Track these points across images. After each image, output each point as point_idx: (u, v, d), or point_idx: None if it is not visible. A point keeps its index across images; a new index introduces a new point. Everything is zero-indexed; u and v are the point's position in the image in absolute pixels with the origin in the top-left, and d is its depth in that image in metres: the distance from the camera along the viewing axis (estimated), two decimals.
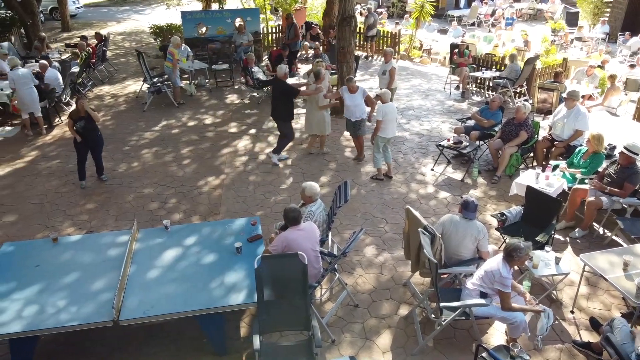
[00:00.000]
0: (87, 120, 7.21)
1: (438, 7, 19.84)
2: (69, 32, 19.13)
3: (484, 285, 4.47)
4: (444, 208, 7.01)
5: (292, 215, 4.60)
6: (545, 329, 4.33)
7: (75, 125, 7.19)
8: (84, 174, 7.56)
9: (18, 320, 4.11)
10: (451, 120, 10.18)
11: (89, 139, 7.35)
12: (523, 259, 4.35)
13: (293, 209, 4.64)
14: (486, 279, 4.43)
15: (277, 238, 4.61)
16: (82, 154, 7.43)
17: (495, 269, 4.33)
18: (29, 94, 9.09)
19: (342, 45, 9.76)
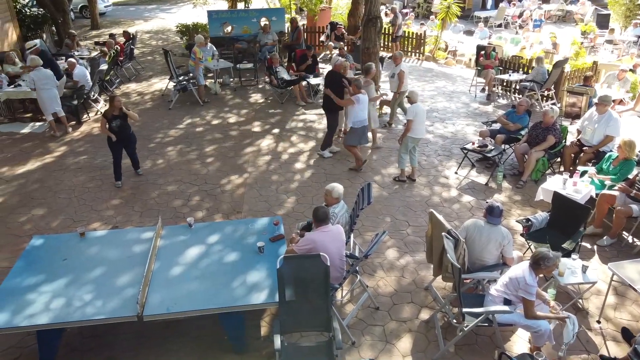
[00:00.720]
0: (122, 119, 7.30)
1: (464, 8, 19.60)
2: (98, 30, 19.51)
3: (508, 292, 4.40)
4: (467, 212, 6.93)
5: (322, 211, 4.63)
6: (571, 335, 4.23)
7: (110, 124, 7.27)
8: (120, 175, 7.66)
9: (46, 312, 4.21)
10: (476, 123, 10.06)
11: (124, 137, 7.44)
12: (550, 269, 4.27)
13: (323, 208, 4.67)
14: (510, 286, 4.36)
15: (304, 238, 4.61)
16: (117, 153, 7.51)
17: (521, 276, 4.25)
18: (48, 96, 9.08)
19: (367, 45, 9.75)
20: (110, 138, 7.33)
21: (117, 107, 7.24)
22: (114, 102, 7.24)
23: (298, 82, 11.12)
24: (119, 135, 7.35)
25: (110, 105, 7.28)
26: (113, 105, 7.24)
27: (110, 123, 7.27)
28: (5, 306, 4.27)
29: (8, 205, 7.13)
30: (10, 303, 4.30)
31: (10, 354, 4.65)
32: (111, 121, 7.26)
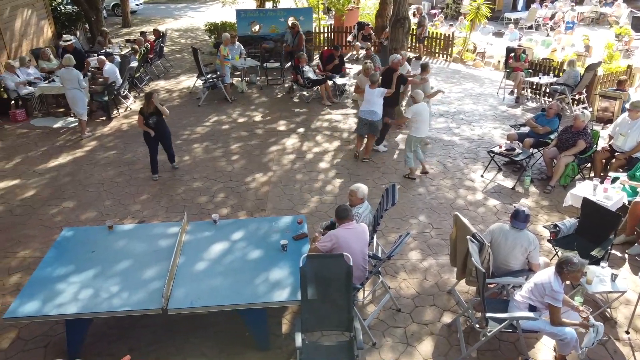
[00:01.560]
0: (158, 115, 7.45)
1: (494, 9, 19.32)
2: (129, 28, 19.90)
3: (533, 298, 4.33)
4: (492, 216, 6.84)
5: (342, 208, 4.68)
6: (591, 342, 4.14)
7: (148, 120, 7.42)
8: (156, 168, 7.84)
9: (74, 302, 4.32)
10: (504, 126, 9.91)
11: (160, 132, 7.61)
12: (576, 275, 4.18)
13: (344, 205, 4.72)
14: (536, 292, 4.29)
15: (327, 235, 4.63)
16: (154, 148, 7.69)
17: (547, 281, 4.18)
18: (71, 95, 9.09)
19: (394, 46, 9.71)
20: (148, 133, 7.49)
21: (153, 104, 7.39)
22: (151, 98, 7.38)
23: (324, 82, 11.13)
24: (155, 131, 7.50)
25: (147, 102, 7.42)
26: (150, 102, 7.37)
27: (148, 120, 7.42)
28: (36, 295, 4.40)
29: (40, 198, 7.34)
30: (40, 292, 4.43)
31: (40, 341, 4.79)
32: (148, 118, 7.41)
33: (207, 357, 4.60)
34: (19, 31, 12.87)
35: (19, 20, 12.88)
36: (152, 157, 7.76)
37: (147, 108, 7.41)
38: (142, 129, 7.58)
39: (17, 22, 12.83)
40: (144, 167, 8.20)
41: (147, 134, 7.53)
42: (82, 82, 9.05)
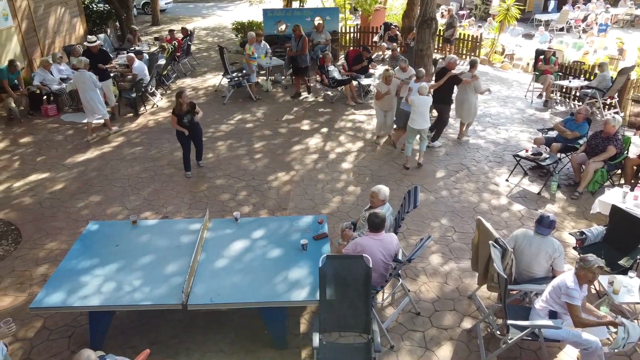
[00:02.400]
0: (191, 113, 7.55)
1: (524, 10, 18.96)
2: (158, 26, 20.21)
3: (551, 302, 4.24)
4: (517, 221, 6.71)
5: (375, 221, 4.57)
6: (621, 344, 3.99)
7: (182, 119, 7.50)
8: (189, 166, 7.95)
9: (98, 294, 4.41)
10: (531, 130, 9.72)
11: (194, 130, 7.71)
12: (590, 271, 4.04)
13: (377, 215, 4.60)
14: (553, 294, 4.21)
15: (353, 242, 4.60)
16: (187, 146, 7.78)
17: (562, 281, 4.10)
18: (86, 98, 8.86)
19: (420, 47, 9.63)
20: (182, 132, 7.57)
21: (185, 102, 7.47)
22: (182, 97, 7.45)
23: (349, 82, 11.11)
24: (189, 129, 7.60)
25: (178, 102, 7.49)
26: (181, 102, 7.45)
27: (182, 119, 7.50)
28: (61, 286, 4.51)
29: (68, 191, 7.52)
30: (66, 284, 4.54)
31: (65, 331, 4.90)
32: (182, 117, 7.50)
33: (226, 353, 4.64)
34: (52, 28, 13.22)
35: (52, 18, 13.22)
36: (185, 156, 7.86)
37: (179, 107, 7.48)
38: (175, 128, 7.63)
39: (51, 19, 13.17)
40: (169, 164, 8.32)
41: (181, 133, 7.60)
42: (97, 83, 8.87)
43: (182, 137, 7.65)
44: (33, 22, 12.26)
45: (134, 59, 10.68)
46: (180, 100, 7.44)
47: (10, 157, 8.66)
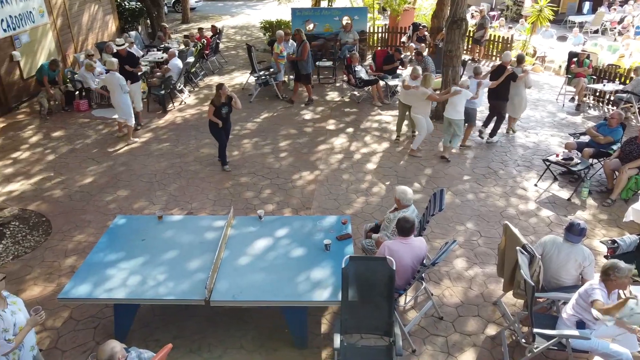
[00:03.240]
0: (229, 106, 7.66)
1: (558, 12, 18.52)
2: (188, 24, 20.48)
3: (579, 310, 4.12)
4: (545, 227, 6.56)
5: (405, 226, 4.52)
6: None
7: (220, 111, 7.60)
8: (226, 158, 8.08)
9: (123, 287, 4.48)
10: (562, 134, 9.49)
11: (228, 123, 7.83)
12: (623, 282, 3.92)
13: (408, 220, 4.54)
14: (580, 301, 4.10)
15: (382, 246, 4.55)
16: (222, 139, 7.90)
17: (589, 286, 4.00)
18: (115, 100, 8.75)
19: (449, 48, 9.48)
20: (216, 126, 7.67)
21: (225, 94, 7.56)
22: (222, 90, 7.55)
23: (376, 83, 11.04)
24: (224, 122, 7.71)
25: (218, 94, 7.57)
26: (220, 94, 7.54)
27: (220, 110, 7.60)
28: (88, 278, 4.59)
29: (97, 185, 7.67)
30: (92, 276, 4.62)
31: (91, 322, 5.00)
32: (220, 108, 7.59)
33: (246, 350, 4.66)
34: (85, 25, 13.52)
35: (86, 15, 13.53)
36: (222, 149, 7.98)
37: (218, 99, 7.58)
38: (211, 119, 7.69)
39: (85, 16, 13.47)
40: (195, 160, 8.41)
41: (215, 127, 7.70)
42: (125, 87, 8.68)
43: (216, 130, 7.75)
44: (68, 19, 12.57)
45: (175, 54, 10.89)
46: (220, 92, 7.54)
47: (43, 150, 8.89)
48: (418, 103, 8.29)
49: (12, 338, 3.46)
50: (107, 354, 3.18)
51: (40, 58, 11.47)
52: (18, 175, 8.00)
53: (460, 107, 8.09)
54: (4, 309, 3.49)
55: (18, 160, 8.52)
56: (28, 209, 7.04)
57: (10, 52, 10.46)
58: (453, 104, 8.07)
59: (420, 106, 8.29)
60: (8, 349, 3.47)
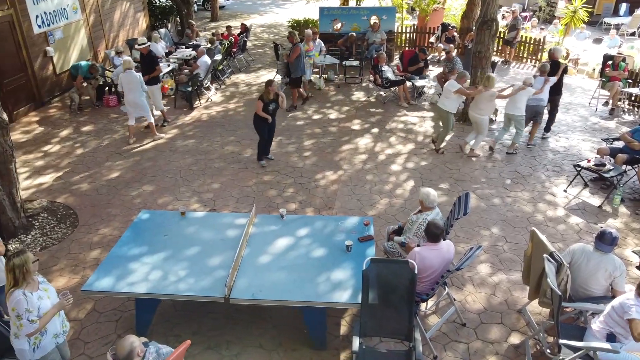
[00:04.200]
0: (276, 102, 7.74)
1: (593, 13, 18.02)
2: (217, 22, 20.67)
3: (611, 324, 3.97)
4: (574, 235, 6.37)
5: (435, 232, 4.44)
6: None
7: (268, 107, 7.68)
8: (262, 153, 8.18)
9: (144, 282, 4.52)
10: (594, 139, 9.21)
11: (273, 120, 7.92)
12: None
13: (437, 226, 4.46)
14: (614, 314, 3.94)
15: (412, 252, 4.47)
16: (265, 134, 8.00)
17: (624, 301, 3.83)
18: (133, 99, 8.68)
19: (479, 49, 9.32)
20: (262, 121, 7.76)
21: (273, 91, 7.63)
22: (271, 86, 7.62)
23: (402, 83, 10.92)
24: (272, 118, 7.81)
25: (267, 90, 7.64)
26: (269, 90, 7.61)
27: (268, 106, 7.67)
28: (111, 271, 4.65)
29: (124, 179, 7.78)
30: (115, 269, 4.68)
31: (113, 315, 5.07)
32: (268, 104, 7.66)
33: (265, 349, 4.65)
34: (117, 22, 13.76)
35: (117, 12, 13.77)
36: (262, 144, 8.08)
37: (267, 95, 7.64)
38: (259, 114, 7.72)
39: (116, 13, 13.72)
40: (219, 157, 8.46)
41: (260, 122, 7.78)
42: (144, 86, 8.70)
43: (261, 125, 7.83)
44: (100, 15, 12.82)
45: (204, 52, 11.01)
46: (270, 88, 7.61)
47: (72, 144, 9.08)
48: (483, 104, 8.18)
49: (36, 319, 3.54)
50: (126, 349, 3.21)
51: (73, 54, 11.73)
52: (48, 168, 8.19)
53: (520, 103, 8.18)
54: (32, 292, 3.57)
55: (49, 153, 8.72)
56: (57, 202, 7.19)
57: (44, 47, 10.72)
58: (514, 101, 8.19)
59: (486, 107, 8.21)
60: (31, 330, 3.55)
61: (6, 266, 3.55)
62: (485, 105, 8.16)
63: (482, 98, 8.12)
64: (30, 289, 3.59)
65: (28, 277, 3.57)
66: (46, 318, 3.61)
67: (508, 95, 8.33)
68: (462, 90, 8.16)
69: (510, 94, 8.27)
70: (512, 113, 8.30)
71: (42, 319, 3.58)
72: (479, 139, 8.45)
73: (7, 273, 3.55)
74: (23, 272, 3.52)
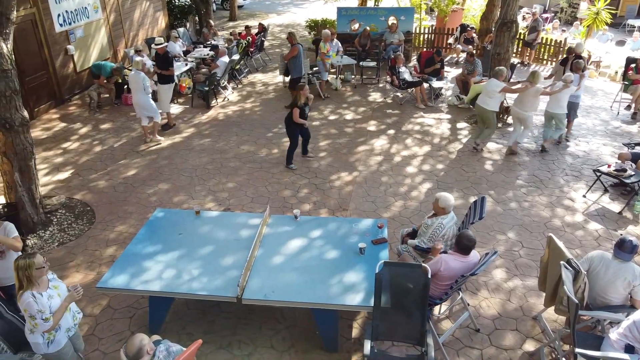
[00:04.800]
0: (308, 106, 7.77)
1: (616, 14, 17.68)
2: (235, 22, 20.78)
3: (630, 337, 3.87)
4: (592, 241, 6.25)
5: (467, 245, 4.40)
6: None
7: (303, 112, 7.68)
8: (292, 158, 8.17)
9: (158, 280, 4.56)
10: (615, 143, 9.03)
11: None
12: None
13: (470, 238, 4.41)
14: (634, 330, 3.83)
15: (439, 259, 4.42)
16: (297, 140, 8.01)
17: None
18: (137, 99, 8.66)
19: (498, 51, 9.22)
20: (298, 125, 7.75)
21: (305, 95, 7.65)
22: (303, 90, 7.63)
23: (420, 84, 10.85)
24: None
25: (300, 94, 7.64)
26: (302, 94, 7.62)
27: (304, 112, 7.70)
28: (126, 269, 4.70)
29: (140, 177, 7.86)
30: (130, 267, 4.73)
31: (127, 311, 5.12)
32: (303, 109, 7.68)
33: (276, 350, 4.65)
34: (137, 21, 13.92)
35: (137, 11, 13.92)
36: (294, 148, 8.07)
37: (302, 100, 7.64)
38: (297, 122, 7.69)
39: (136, 12, 13.87)
40: (235, 157, 8.50)
41: (295, 127, 7.77)
42: (147, 88, 8.55)
43: (295, 131, 7.83)
44: (120, 15, 12.98)
45: (225, 52, 11.10)
46: (302, 92, 7.61)
47: (91, 141, 9.20)
48: (529, 101, 8.21)
49: (49, 316, 3.58)
50: (136, 346, 3.24)
51: (93, 52, 11.89)
52: (67, 164, 8.31)
53: (564, 102, 8.29)
54: (41, 292, 3.60)
55: (68, 150, 8.85)
56: (75, 198, 7.29)
57: (65, 46, 10.89)
58: (557, 99, 8.26)
59: (531, 103, 8.24)
60: (47, 327, 3.61)
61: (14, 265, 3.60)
62: (530, 101, 8.23)
63: (528, 94, 8.17)
64: (39, 290, 3.62)
65: (32, 281, 3.57)
66: (59, 314, 3.66)
67: (551, 92, 8.35)
68: (508, 88, 8.29)
69: (553, 92, 8.30)
70: (555, 112, 8.36)
71: (55, 315, 3.62)
72: (525, 133, 8.59)
73: (14, 272, 3.59)
74: (26, 275, 3.54)
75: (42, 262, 3.61)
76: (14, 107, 5.98)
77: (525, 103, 8.21)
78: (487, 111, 8.34)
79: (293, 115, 7.67)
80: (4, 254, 4.46)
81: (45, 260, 3.65)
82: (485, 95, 8.36)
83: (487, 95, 8.32)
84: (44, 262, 3.64)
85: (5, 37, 5.85)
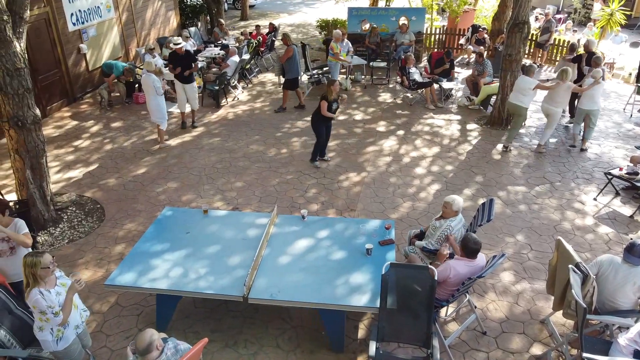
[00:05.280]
0: (337, 102, 7.84)
1: (631, 16, 17.45)
2: (246, 21, 20.83)
3: (639, 342, 3.83)
4: (603, 245, 6.19)
5: (474, 248, 4.39)
6: None
7: (331, 106, 7.73)
8: (317, 155, 8.23)
9: (165, 278, 4.59)
10: (627, 146, 8.93)
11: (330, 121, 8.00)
12: None
13: (477, 242, 4.39)
14: None
15: (447, 265, 4.40)
16: (323, 136, 8.05)
17: None
18: (148, 102, 8.61)
19: (509, 52, 9.15)
20: (323, 120, 7.80)
21: (335, 90, 7.69)
22: (334, 85, 7.68)
23: (430, 85, 10.80)
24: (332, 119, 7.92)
25: (330, 90, 7.68)
26: (332, 89, 7.66)
27: (331, 106, 7.74)
28: (134, 267, 4.74)
29: (150, 176, 7.92)
30: (138, 265, 4.77)
31: (135, 309, 5.16)
32: (332, 104, 7.73)
33: (282, 349, 4.66)
34: (148, 20, 14.01)
35: (149, 10, 14.02)
36: (320, 144, 8.11)
37: (331, 94, 7.67)
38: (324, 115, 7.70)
39: (148, 12, 13.97)
40: (244, 156, 8.53)
41: (320, 122, 7.81)
42: (159, 89, 8.44)
43: (321, 126, 7.87)
44: (132, 14, 13.08)
45: (235, 52, 11.15)
46: (332, 88, 7.65)
47: (102, 139, 9.29)
48: (560, 97, 8.34)
49: (59, 310, 3.64)
50: (146, 341, 3.26)
51: (105, 51, 12.00)
52: (78, 162, 8.40)
53: (597, 98, 8.34)
54: (49, 289, 3.64)
55: (79, 148, 8.94)
56: (85, 196, 7.37)
57: (78, 45, 11.00)
58: (590, 96, 8.30)
59: (561, 100, 8.40)
60: (59, 321, 3.67)
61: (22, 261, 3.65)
62: (561, 98, 8.36)
63: (559, 91, 8.27)
64: (47, 287, 3.66)
65: (38, 279, 3.61)
66: (67, 308, 3.70)
67: (583, 89, 8.38)
68: (541, 85, 8.50)
69: (586, 89, 8.33)
70: (589, 108, 8.39)
71: (64, 310, 3.67)
72: (547, 132, 8.64)
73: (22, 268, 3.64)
74: (32, 273, 3.59)
75: (49, 263, 3.63)
76: (26, 105, 6.05)
77: (556, 99, 8.34)
78: (522, 108, 8.51)
79: (321, 108, 7.68)
80: (14, 250, 4.51)
81: (52, 261, 3.67)
82: (518, 92, 8.50)
83: (520, 93, 8.46)
84: (52, 262, 3.66)
85: (19, 35, 5.93)
